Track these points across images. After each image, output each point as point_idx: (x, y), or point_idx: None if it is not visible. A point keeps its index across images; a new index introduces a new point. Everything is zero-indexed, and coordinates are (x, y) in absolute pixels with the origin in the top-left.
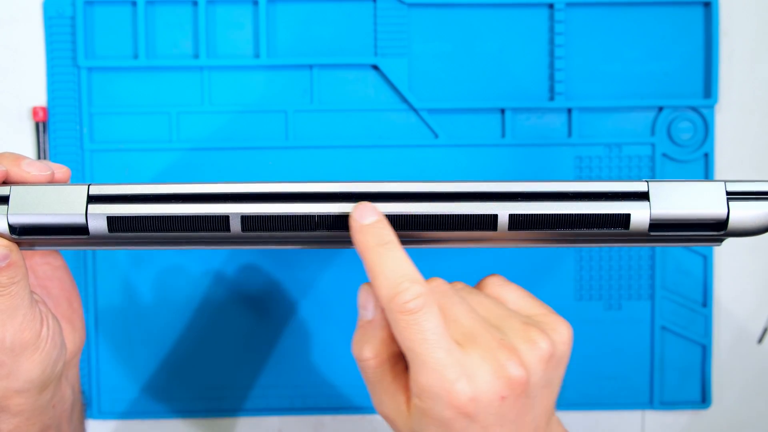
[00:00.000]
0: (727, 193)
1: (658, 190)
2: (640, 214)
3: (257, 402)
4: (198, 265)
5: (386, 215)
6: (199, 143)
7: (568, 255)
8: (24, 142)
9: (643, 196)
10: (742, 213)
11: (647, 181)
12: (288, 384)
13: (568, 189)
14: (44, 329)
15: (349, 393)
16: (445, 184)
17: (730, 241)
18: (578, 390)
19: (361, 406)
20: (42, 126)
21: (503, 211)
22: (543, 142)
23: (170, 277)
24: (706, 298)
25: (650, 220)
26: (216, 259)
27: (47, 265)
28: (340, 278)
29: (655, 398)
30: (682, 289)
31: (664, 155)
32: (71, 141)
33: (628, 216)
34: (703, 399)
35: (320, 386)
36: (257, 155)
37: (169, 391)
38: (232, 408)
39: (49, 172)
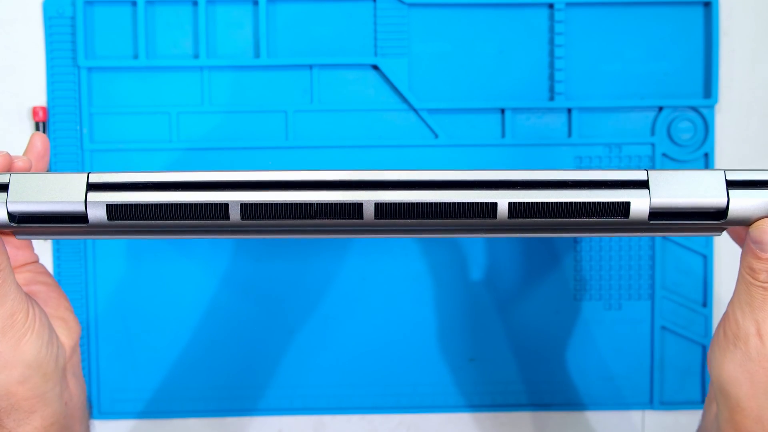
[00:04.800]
0: (727, 182)
1: (657, 178)
2: (639, 203)
3: (257, 402)
4: (197, 264)
5: (386, 204)
6: (199, 143)
7: (566, 254)
8: (24, 142)
9: (643, 185)
10: (742, 202)
11: (647, 170)
12: (288, 384)
13: (567, 177)
14: (31, 310)
15: (349, 393)
16: (444, 172)
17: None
18: (578, 390)
19: (361, 406)
20: (42, 126)
21: (503, 199)
22: (543, 142)
23: (170, 276)
24: (706, 298)
25: (650, 208)
26: (215, 258)
27: (29, 272)
28: (340, 278)
29: (655, 398)
30: (682, 289)
31: (664, 155)
32: (71, 141)
33: (627, 204)
34: (703, 399)
35: (320, 386)
36: (257, 155)
37: (169, 391)
38: (232, 408)
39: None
